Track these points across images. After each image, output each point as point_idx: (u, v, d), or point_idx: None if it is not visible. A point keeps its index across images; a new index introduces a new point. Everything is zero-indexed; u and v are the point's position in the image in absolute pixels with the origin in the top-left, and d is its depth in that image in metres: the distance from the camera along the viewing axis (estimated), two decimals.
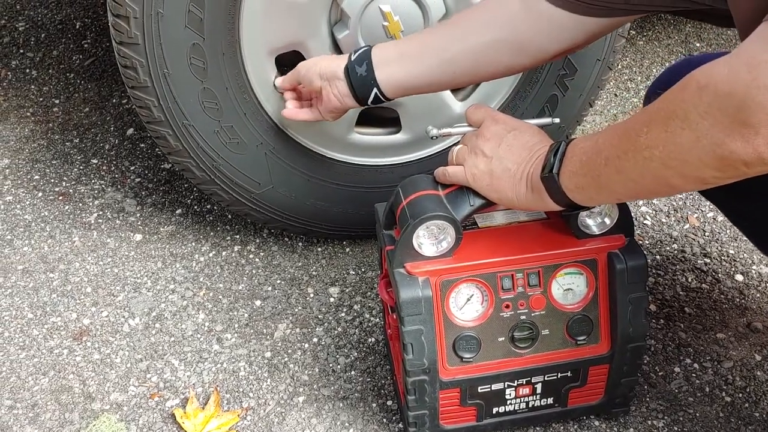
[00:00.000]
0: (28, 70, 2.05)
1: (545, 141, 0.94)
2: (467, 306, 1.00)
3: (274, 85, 1.26)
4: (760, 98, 0.62)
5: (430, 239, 0.96)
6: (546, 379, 1.05)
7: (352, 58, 1.08)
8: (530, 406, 1.08)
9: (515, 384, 1.05)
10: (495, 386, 1.04)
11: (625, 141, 0.76)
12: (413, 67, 1.06)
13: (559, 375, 1.05)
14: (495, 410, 1.07)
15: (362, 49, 1.08)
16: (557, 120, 1.04)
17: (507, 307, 1.00)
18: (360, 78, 1.07)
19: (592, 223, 0.99)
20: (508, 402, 1.07)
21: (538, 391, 1.06)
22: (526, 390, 1.06)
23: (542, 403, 1.08)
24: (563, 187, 0.85)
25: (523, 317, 1.01)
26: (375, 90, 1.07)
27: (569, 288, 1.01)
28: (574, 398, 1.08)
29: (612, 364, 1.05)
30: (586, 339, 1.03)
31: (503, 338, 1.02)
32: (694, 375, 1.21)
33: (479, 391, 1.04)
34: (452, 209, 0.96)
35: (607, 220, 0.99)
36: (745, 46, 0.64)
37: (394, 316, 1.04)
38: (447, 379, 1.02)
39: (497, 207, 1.02)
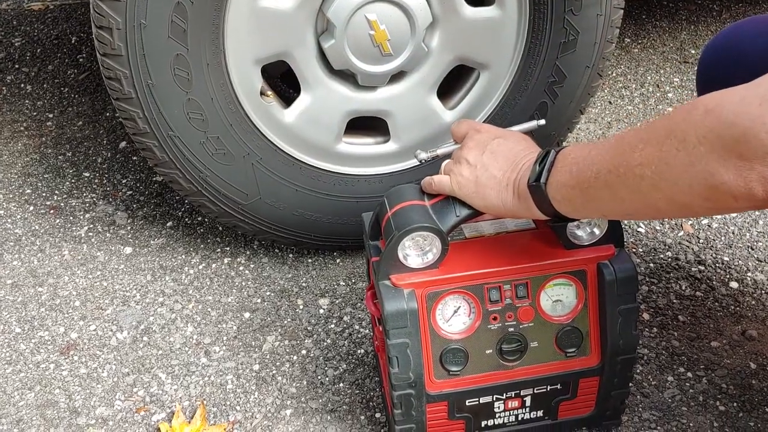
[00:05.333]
0: (22, 85, 2.05)
1: (531, 148, 0.93)
2: (454, 318, 0.98)
3: (261, 93, 1.26)
4: (762, 135, 0.60)
5: (416, 250, 0.95)
6: (535, 391, 1.03)
7: None
8: (520, 419, 1.06)
9: (504, 397, 1.03)
10: (483, 399, 1.03)
11: (619, 155, 0.74)
12: None
13: (549, 387, 1.04)
14: (484, 423, 1.05)
15: None
16: (542, 122, 1.03)
17: (494, 319, 0.99)
18: None
19: (581, 233, 0.97)
20: (497, 415, 1.05)
21: (528, 404, 1.04)
22: (515, 403, 1.04)
23: (532, 416, 1.06)
24: (550, 197, 0.84)
25: (511, 329, 0.99)
26: None
27: (558, 299, 1.00)
28: (564, 411, 1.07)
29: (602, 376, 1.03)
30: (575, 351, 1.02)
31: (491, 351, 1.00)
32: (687, 384, 1.19)
33: (467, 404, 1.02)
34: (438, 220, 0.94)
35: (597, 231, 0.97)
36: (765, 78, 0.62)
37: (381, 329, 1.02)
38: (434, 392, 1.00)
39: (484, 217, 1.01)
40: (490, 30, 1.29)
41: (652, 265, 1.41)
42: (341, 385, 1.21)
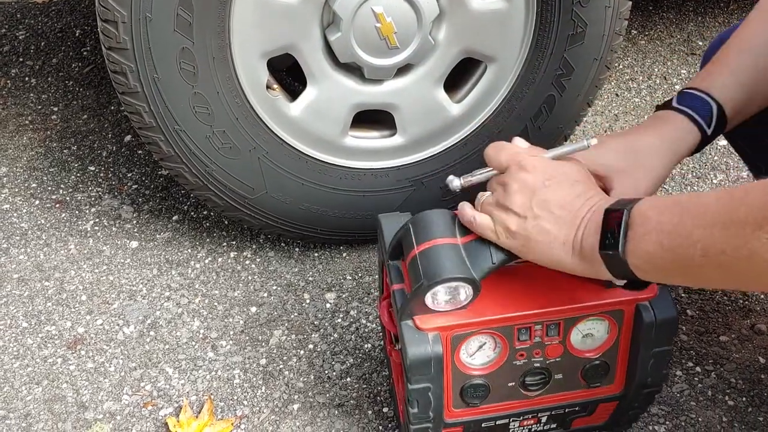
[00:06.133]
0: (27, 79, 2.05)
1: (588, 192, 0.80)
2: (478, 353, 0.92)
3: (267, 87, 1.25)
4: None
5: (445, 293, 0.86)
6: (553, 413, 1.00)
7: (709, 131, 0.91)
8: (533, 431, 1.04)
9: (520, 419, 1.00)
10: (500, 422, 0.99)
11: (735, 237, 0.63)
12: (757, 108, 0.95)
13: (567, 410, 1.00)
14: None
15: (714, 115, 0.91)
16: (594, 141, 0.87)
17: (521, 356, 0.92)
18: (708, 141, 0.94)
19: None
20: (511, 430, 1.02)
21: (543, 420, 1.02)
22: (531, 421, 1.01)
23: (545, 428, 1.04)
24: (631, 266, 0.73)
25: (537, 364, 0.93)
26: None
27: (589, 333, 0.93)
28: (579, 423, 1.04)
29: (623, 401, 1.00)
30: (600, 383, 0.97)
31: (513, 383, 0.95)
32: (696, 379, 1.19)
33: (483, 426, 0.99)
34: (471, 264, 0.83)
35: None
36: None
37: (393, 343, 0.99)
38: (451, 420, 0.96)
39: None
40: (498, 22, 1.28)
41: None
42: (348, 379, 1.21)
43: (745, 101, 0.94)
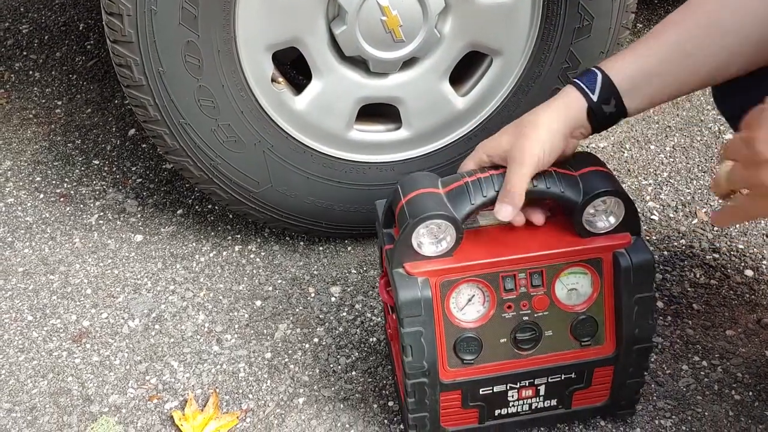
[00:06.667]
0: (31, 72, 2.05)
1: None
2: (468, 306, 0.98)
3: (272, 80, 1.25)
4: None
5: (430, 238, 0.94)
6: (549, 380, 1.03)
7: (594, 97, 0.94)
8: (533, 407, 1.06)
9: (518, 386, 1.03)
10: (497, 388, 1.02)
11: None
12: (663, 87, 0.96)
13: (563, 377, 1.03)
14: (497, 412, 1.05)
15: (599, 82, 0.94)
16: None
17: (509, 307, 0.98)
18: (608, 116, 0.95)
19: (597, 221, 0.96)
20: (511, 404, 1.04)
21: (541, 392, 1.04)
22: (529, 392, 1.04)
23: (545, 405, 1.06)
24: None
25: (526, 318, 0.99)
26: (621, 119, 0.97)
27: (573, 288, 0.99)
28: (579, 400, 1.06)
29: (617, 365, 1.03)
30: (590, 340, 1.01)
31: (505, 339, 0.99)
32: (702, 373, 1.18)
33: (481, 393, 1.02)
34: (453, 208, 0.93)
35: (613, 219, 0.96)
36: None
37: (394, 317, 1.02)
38: (447, 381, 1.00)
39: None
40: (504, 16, 1.27)
41: (666, 253, 1.40)
42: (354, 373, 1.21)
43: (643, 74, 0.95)
